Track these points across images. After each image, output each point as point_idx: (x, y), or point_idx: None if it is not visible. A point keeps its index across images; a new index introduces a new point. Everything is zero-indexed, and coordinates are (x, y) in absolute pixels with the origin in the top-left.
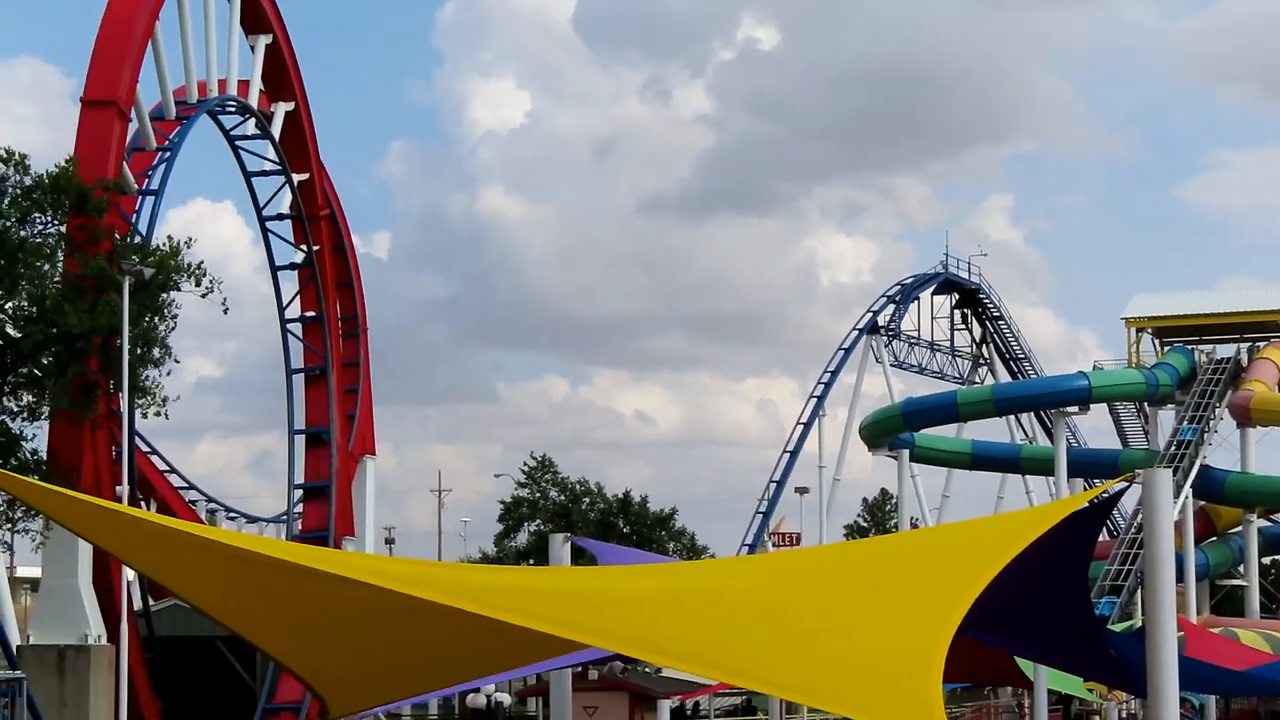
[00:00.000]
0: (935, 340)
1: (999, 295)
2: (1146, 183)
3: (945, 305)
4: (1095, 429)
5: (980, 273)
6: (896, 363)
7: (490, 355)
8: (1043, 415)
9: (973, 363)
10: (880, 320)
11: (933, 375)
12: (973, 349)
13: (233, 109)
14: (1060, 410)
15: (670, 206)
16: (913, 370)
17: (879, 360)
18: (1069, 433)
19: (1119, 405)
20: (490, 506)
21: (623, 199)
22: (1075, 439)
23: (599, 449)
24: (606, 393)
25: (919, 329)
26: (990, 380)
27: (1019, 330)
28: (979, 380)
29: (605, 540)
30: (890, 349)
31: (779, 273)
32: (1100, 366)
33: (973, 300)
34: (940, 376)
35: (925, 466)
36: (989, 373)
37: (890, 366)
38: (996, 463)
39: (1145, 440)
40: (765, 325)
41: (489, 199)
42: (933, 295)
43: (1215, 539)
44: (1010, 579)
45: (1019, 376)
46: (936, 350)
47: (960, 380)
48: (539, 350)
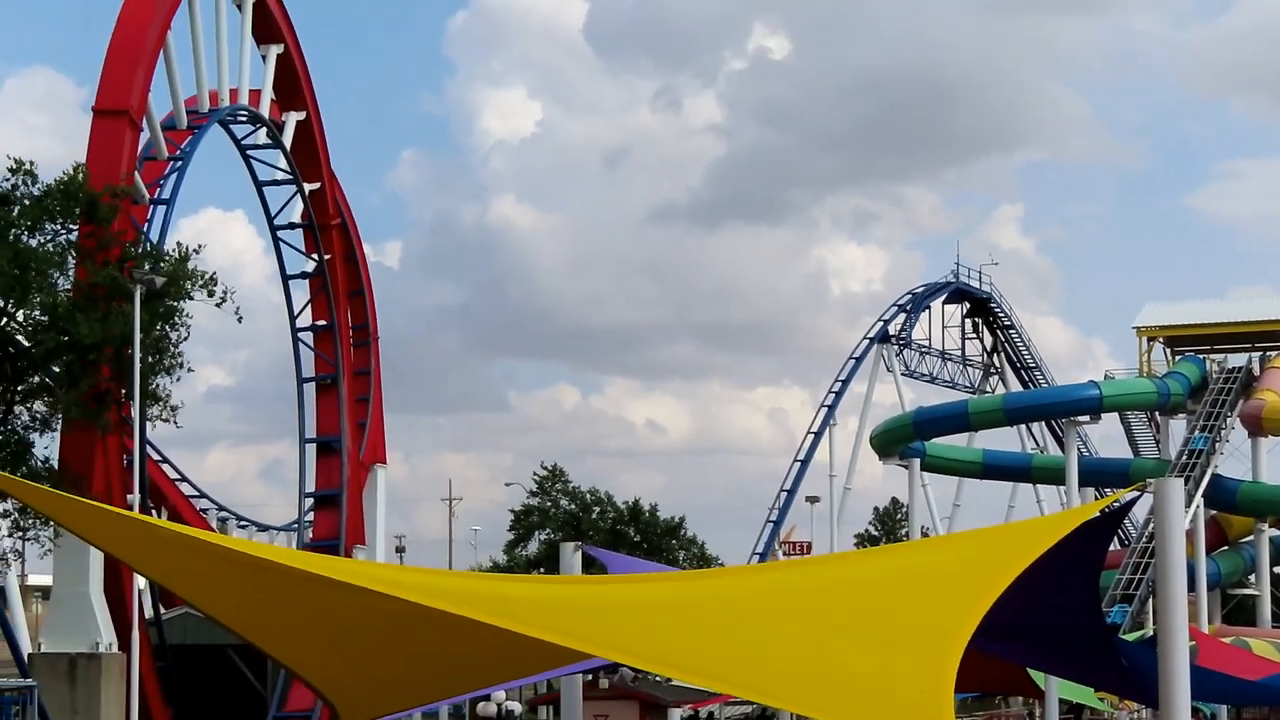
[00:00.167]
0: (946, 349)
1: (1010, 304)
2: (1157, 192)
3: (956, 314)
4: (1107, 438)
5: (991, 282)
6: (907, 372)
7: (501, 364)
8: (1054, 424)
9: (984, 372)
10: (891, 329)
11: (944, 384)
12: (984, 358)
13: (244, 118)
14: (1071, 419)
15: (681, 216)
16: (924, 379)
17: (890, 369)
18: (1080, 442)
19: (1130, 414)
20: (501, 515)
21: (634, 208)
22: (1086, 448)
23: (610, 458)
24: (617, 401)
25: (930, 338)
26: (1001, 389)
27: (1030, 339)
28: (990, 389)
29: (615, 549)
30: (901, 358)
31: (790, 282)
32: (1111, 376)
33: (984, 309)
34: (951, 386)
35: (936, 475)
36: (1000, 382)
37: (901, 375)
38: (1007, 472)
39: (1156, 449)
40: (776, 334)
41: (500, 208)
42: (944, 304)
43: (1227, 548)
44: (1021, 589)
45: (1030, 386)
46: (947, 359)
47: (971, 389)
48: (550, 359)
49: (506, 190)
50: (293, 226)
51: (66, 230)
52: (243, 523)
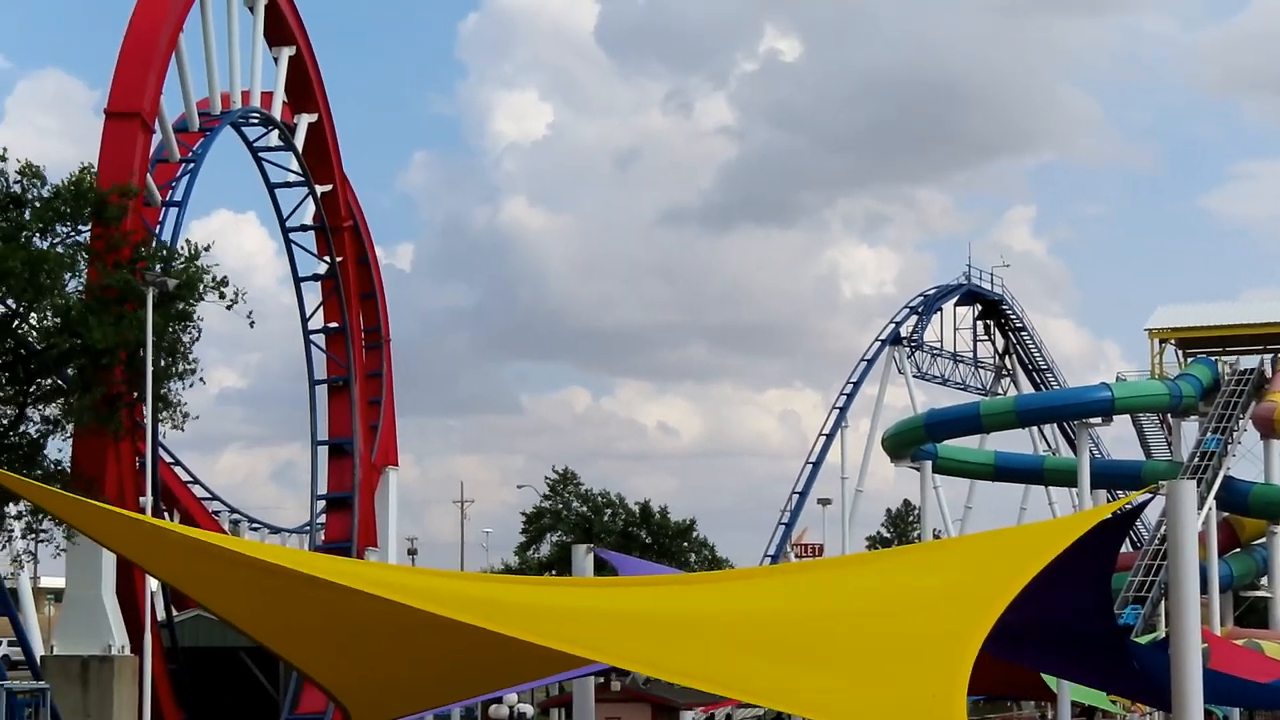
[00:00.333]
0: (958, 351)
1: (1021, 306)
2: (1169, 193)
3: (968, 316)
4: (1118, 439)
5: (1003, 283)
6: (919, 374)
7: (513, 366)
8: (1065, 426)
9: (995, 374)
10: (903, 331)
11: (955, 386)
12: (995, 360)
13: (256, 120)
14: (1083, 421)
15: (692, 218)
16: (935, 381)
17: (901, 371)
18: (1092, 444)
19: (1142, 416)
20: (512, 517)
21: (645, 210)
22: (1098, 450)
23: (621, 460)
24: (629, 404)
25: (941, 340)
26: (1013, 391)
27: (1042, 341)
28: (1001, 391)
29: (627, 551)
30: (913, 360)
31: (801, 284)
32: (1123, 377)
33: (995, 311)
34: (963, 388)
35: (948, 478)
36: (1012, 384)
37: (913, 377)
38: (1019, 474)
39: (1168, 451)
40: (787, 336)
41: (512, 210)
42: (955, 306)
43: (1239, 550)
44: (1033, 592)
45: (1042, 388)
46: (959, 361)
47: (983, 391)
48: (561, 361)
49: (518, 192)
50: (304, 229)
51: (77, 231)
52: (254, 525)
